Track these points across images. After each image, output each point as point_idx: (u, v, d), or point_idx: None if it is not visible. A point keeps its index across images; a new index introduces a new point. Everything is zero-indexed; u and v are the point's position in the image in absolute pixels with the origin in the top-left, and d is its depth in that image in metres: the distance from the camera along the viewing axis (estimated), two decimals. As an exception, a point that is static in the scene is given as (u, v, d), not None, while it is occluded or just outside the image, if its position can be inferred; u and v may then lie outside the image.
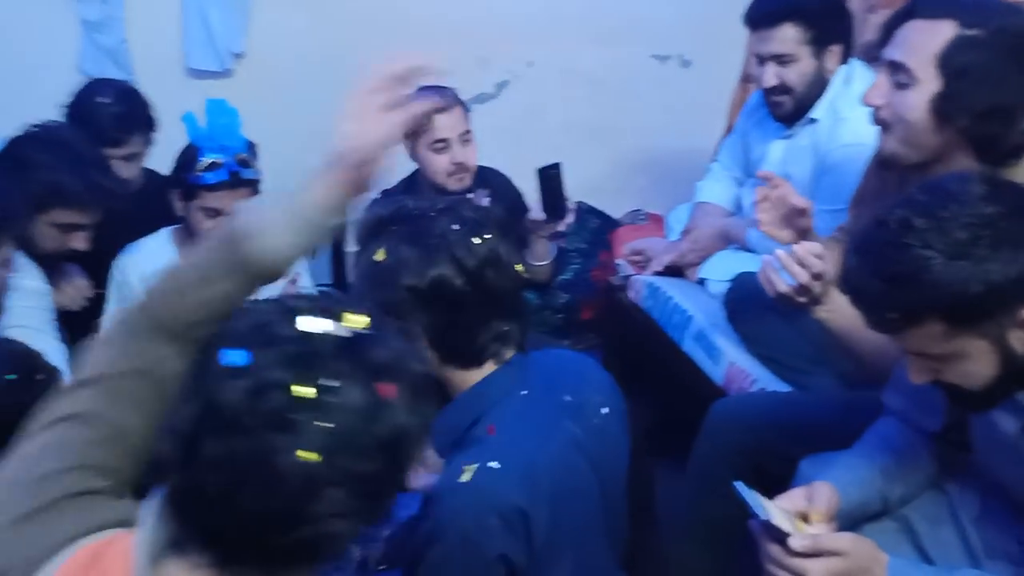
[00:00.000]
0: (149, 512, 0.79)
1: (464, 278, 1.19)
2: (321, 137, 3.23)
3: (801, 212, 1.62)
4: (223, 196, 2.06)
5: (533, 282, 2.36)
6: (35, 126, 1.90)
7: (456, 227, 1.21)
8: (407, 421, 0.78)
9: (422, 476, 1.57)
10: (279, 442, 0.72)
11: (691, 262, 2.32)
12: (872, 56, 1.99)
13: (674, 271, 2.34)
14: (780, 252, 1.45)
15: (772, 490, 1.29)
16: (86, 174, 1.77)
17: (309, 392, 0.73)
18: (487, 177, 2.46)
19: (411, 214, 1.25)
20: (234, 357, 0.76)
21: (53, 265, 1.95)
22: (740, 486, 1.19)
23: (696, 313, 2.11)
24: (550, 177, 2.16)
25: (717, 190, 2.45)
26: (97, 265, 2.34)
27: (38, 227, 1.82)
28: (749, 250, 2.21)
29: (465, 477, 1.14)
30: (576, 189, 2.24)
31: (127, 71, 3.02)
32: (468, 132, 2.32)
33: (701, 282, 2.27)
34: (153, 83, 2.75)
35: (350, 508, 0.75)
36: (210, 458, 0.74)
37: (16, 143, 1.81)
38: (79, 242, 1.87)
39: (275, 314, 0.79)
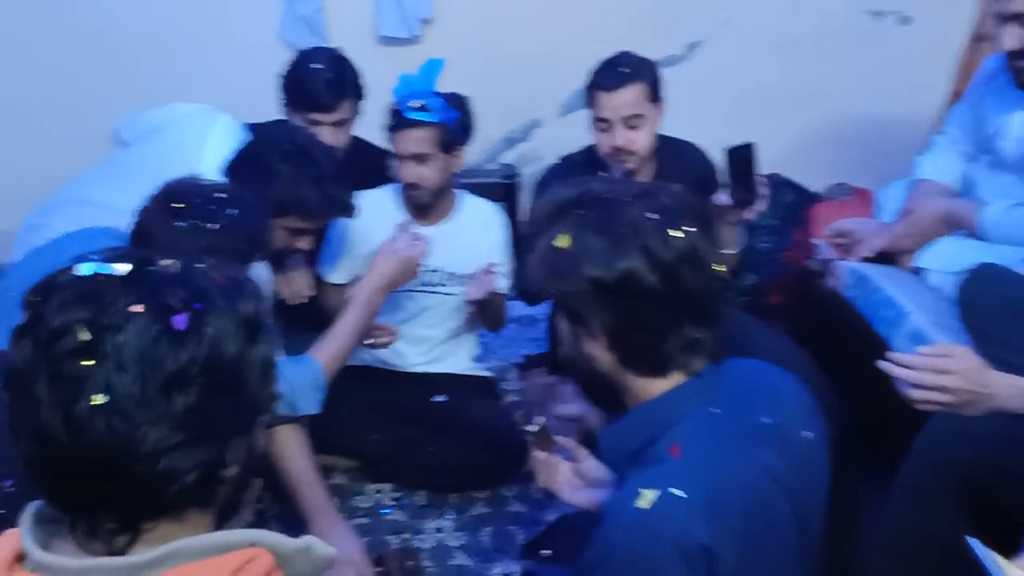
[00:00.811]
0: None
1: (657, 274, 1.05)
2: (503, 102, 3.17)
3: None
4: (399, 137, 2.12)
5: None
6: (278, 130, 1.98)
7: (652, 216, 1.07)
8: (217, 352, 0.76)
9: (581, 491, 1.47)
10: (68, 390, 0.72)
11: (907, 248, 2.04)
12: None
13: (885, 258, 2.08)
14: (881, 363, 1.31)
15: (1006, 529, 1.09)
16: (325, 188, 1.85)
17: (85, 335, 0.72)
18: (679, 149, 2.26)
19: (600, 198, 1.11)
20: (18, 317, 0.75)
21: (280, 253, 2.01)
22: (975, 543, 1.00)
23: (912, 308, 1.85)
24: (741, 159, 1.93)
25: (941, 166, 2.14)
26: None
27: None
28: (979, 238, 1.92)
29: (643, 503, 1.01)
30: (771, 158, 2.01)
31: (323, 38, 3.07)
32: (638, 116, 2.08)
33: (918, 272, 2.00)
34: (346, 50, 2.76)
35: (177, 443, 0.74)
36: (19, 423, 0.73)
37: (260, 150, 1.88)
38: (305, 244, 1.96)
39: (63, 267, 0.78)
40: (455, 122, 2.13)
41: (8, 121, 3.10)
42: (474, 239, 2.30)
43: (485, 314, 2.28)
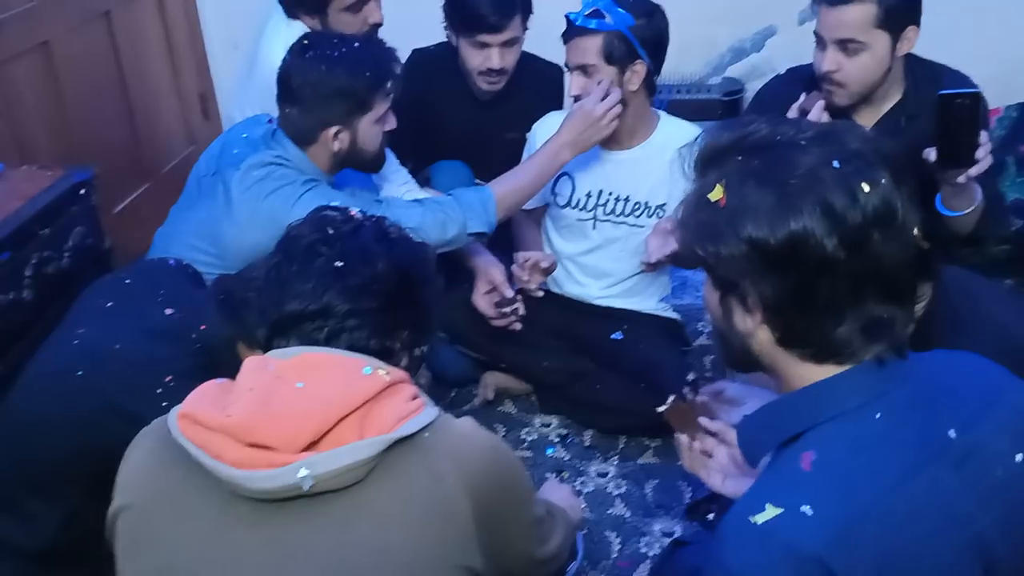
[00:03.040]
0: None
1: (838, 239, 0.84)
2: (733, 5, 2.74)
3: None
4: (567, 47, 1.97)
5: (953, 237, 1.76)
6: None
7: (837, 164, 0.85)
8: (407, 264, 1.09)
9: (735, 479, 1.26)
10: (299, 262, 1.05)
11: None
12: None
13: None
14: None
15: None
16: None
17: (320, 235, 1.07)
18: (934, 78, 1.82)
19: (766, 142, 0.90)
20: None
21: None
22: None
23: None
24: (959, 109, 1.56)
25: None
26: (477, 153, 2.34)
27: (334, 19, 2.00)
28: None
29: (762, 518, 0.83)
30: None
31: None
32: (856, 43, 1.71)
33: None
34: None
35: (368, 309, 1.03)
36: (276, 280, 1.06)
37: None
38: (375, 15, 2.04)
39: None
40: (628, 31, 1.88)
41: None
42: (671, 168, 2.07)
43: (675, 259, 2.05)
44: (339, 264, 1.03)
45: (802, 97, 1.79)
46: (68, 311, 1.48)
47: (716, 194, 0.89)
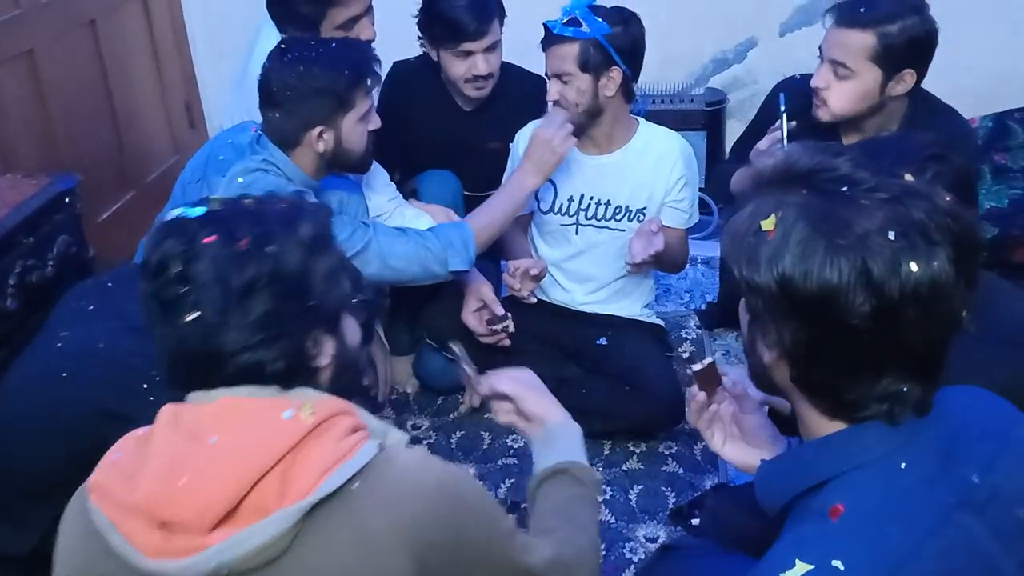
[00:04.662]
0: None
1: (871, 307, 0.82)
2: (716, 17, 2.77)
3: None
4: (546, 55, 2.00)
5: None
6: None
7: (893, 236, 0.81)
8: (279, 265, 0.94)
9: (735, 445, 1.26)
10: (169, 310, 0.93)
11: None
12: None
13: None
14: None
15: None
16: None
17: (177, 266, 0.93)
18: (931, 114, 1.84)
19: (836, 188, 0.86)
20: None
21: None
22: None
23: None
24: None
25: None
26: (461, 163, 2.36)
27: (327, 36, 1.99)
28: None
29: (791, 574, 0.82)
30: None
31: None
32: (846, 68, 1.75)
33: None
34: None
35: (259, 340, 0.92)
36: (154, 332, 0.97)
37: None
38: (367, 32, 2.04)
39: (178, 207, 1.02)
40: (604, 39, 1.91)
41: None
42: (651, 172, 2.10)
43: (659, 261, 2.07)
44: (196, 314, 0.91)
45: (778, 123, 1.83)
46: (49, 316, 1.48)
47: (768, 224, 0.86)
